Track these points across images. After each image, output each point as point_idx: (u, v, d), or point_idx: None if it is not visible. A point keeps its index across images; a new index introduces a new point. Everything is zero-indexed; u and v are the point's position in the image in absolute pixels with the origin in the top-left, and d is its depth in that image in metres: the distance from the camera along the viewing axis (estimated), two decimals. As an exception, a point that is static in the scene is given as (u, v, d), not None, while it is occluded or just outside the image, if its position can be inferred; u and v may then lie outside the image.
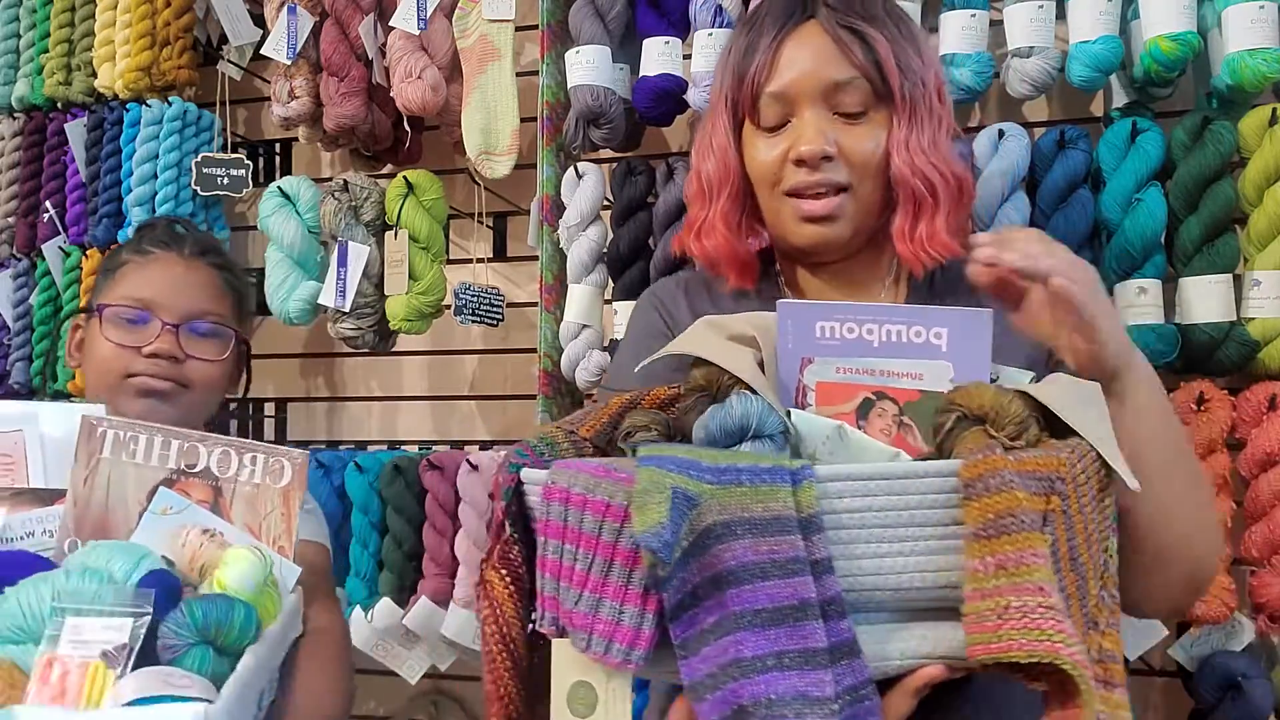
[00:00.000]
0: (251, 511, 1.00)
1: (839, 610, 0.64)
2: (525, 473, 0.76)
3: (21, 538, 0.99)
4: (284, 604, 0.96)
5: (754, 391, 0.77)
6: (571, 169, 1.65)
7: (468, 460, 1.76)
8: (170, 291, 1.22)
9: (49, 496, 1.03)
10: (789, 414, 0.77)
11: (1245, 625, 1.40)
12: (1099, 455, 0.71)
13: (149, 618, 0.84)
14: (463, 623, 1.72)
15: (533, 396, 1.70)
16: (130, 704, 0.78)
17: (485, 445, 1.91)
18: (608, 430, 0.84)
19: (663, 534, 0.62)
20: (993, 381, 0.79)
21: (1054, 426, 0.74)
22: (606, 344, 1.64)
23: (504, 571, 0.76)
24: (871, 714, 0.63)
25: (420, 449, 1.90)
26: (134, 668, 0.82)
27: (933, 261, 0.97)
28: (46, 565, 0.93)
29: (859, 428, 0.79)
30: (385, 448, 1.96)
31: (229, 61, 2.04)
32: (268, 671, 0.95)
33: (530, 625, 0.78)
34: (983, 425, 0.70)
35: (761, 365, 0.81)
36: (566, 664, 0.69)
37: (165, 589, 0.87)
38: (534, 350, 1.70)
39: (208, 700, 0.80)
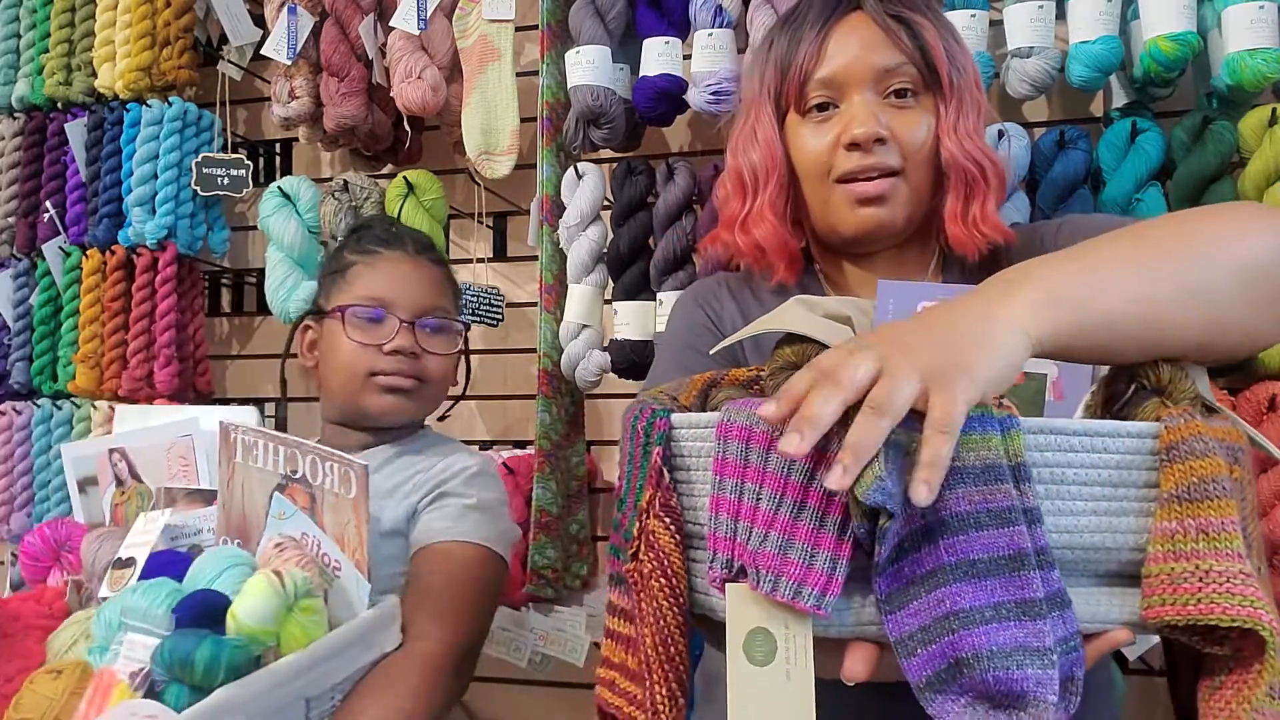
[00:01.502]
0: (337, 520, 0.99)
1: (1049, 560, 0.62)
2: (677, 417, 0.73)
3: (193, 534, 1.05)
4: (361, 619, 0.96)
5: None
6: (571, 169, 1.65)
7: (468, 460, 1.76)
8: (402, 289, 1.27)
9: (213, 497, 1.09)
10: None
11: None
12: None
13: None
14: (463, 623, 1.72)
15: (532, 396, 1.70)
16: None
17: (485, 445, 1.91)
18: (698, 404, 0.83)
19: (884, 486, 0.59)
20: None
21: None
22: (606, 344, 1.64)
23: (668, 520, 0.72)
24: (1079, 665, 0.62)
25: (420, 449, 1.90)
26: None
27: (986, 243, 0.97)
28: (186, 560, 0.98)
29: None
30: (385, 448, 1.96)
31: (229, 61, 2.04)
32: (276, 701, 0.91)
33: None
34: (1159, 398, 0.69)
35: None
36: (744, 610, 0.64)
37: (200, 609, 0.89)
38: (534, 350, 1.70)
39: None
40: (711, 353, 0.94)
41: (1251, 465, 0.71)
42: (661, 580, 0.71)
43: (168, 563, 0.97)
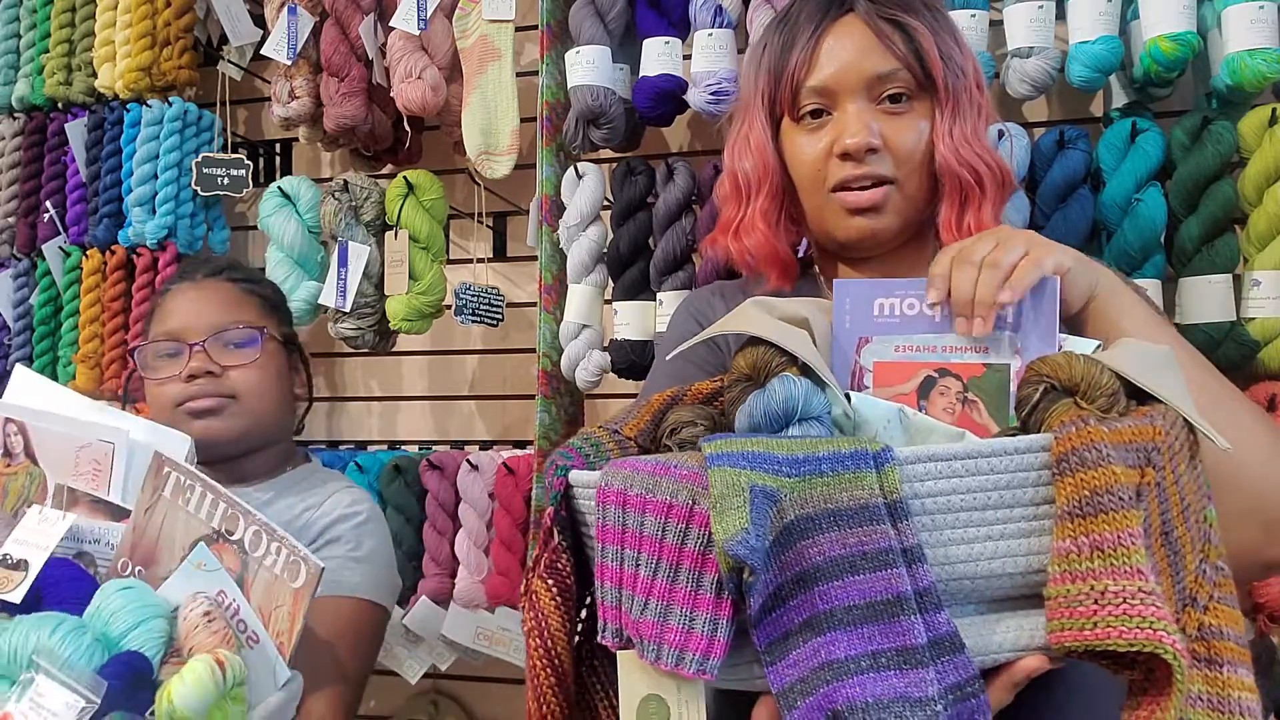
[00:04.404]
0: (268, 598, 0.98)
1: (934, 602, 0.59)
2: (574, 475, 0.72)
3: (90, 542, 1.04)
4: (270, 702, 0.95)
5: (805, 371, 0.73)
6: (571, 169, 1.65)
7: (468, 460, 1.76)
8: (190, 315, 1.27)
9: (119, 514, 1.07)
10: (849, 397, 0.74)
11: (1245, 625, 1.40)
12: (1185, 420, 0.67)
13: (95, 708, 0.84)
14: (462, 623, 1.72)
15: (532, 396, 1.70)
16: None
17: (485, 445, 1.91)
18: (651, 429, 0.81)
19: (748, 539, 0.58)
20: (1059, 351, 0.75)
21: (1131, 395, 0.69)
22: (606, 344, 1.64)
23: (551, 582, 0.71)
24: (980, 712, 0.59)
25: (420, 449, 1.91)
26: None
27: None
28: (88, 580, 0.96)
29: (920, 408, 0.76)
30: (385, 448, 1.96)
31: (229, 61, 2.04)
32: None
33: (576, 638, 0.75)
34: (1073, 398, 0.65)
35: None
36: (634, 678, 0.64)
37: (130, 676, 0.87)
38: (534, 350, 1.70)
39: None
40: (668, 358, 0.93)
41: (1186, 455, 0.66)
42: (536, 641, 0.71)
43: (67, 579, 0.95)
